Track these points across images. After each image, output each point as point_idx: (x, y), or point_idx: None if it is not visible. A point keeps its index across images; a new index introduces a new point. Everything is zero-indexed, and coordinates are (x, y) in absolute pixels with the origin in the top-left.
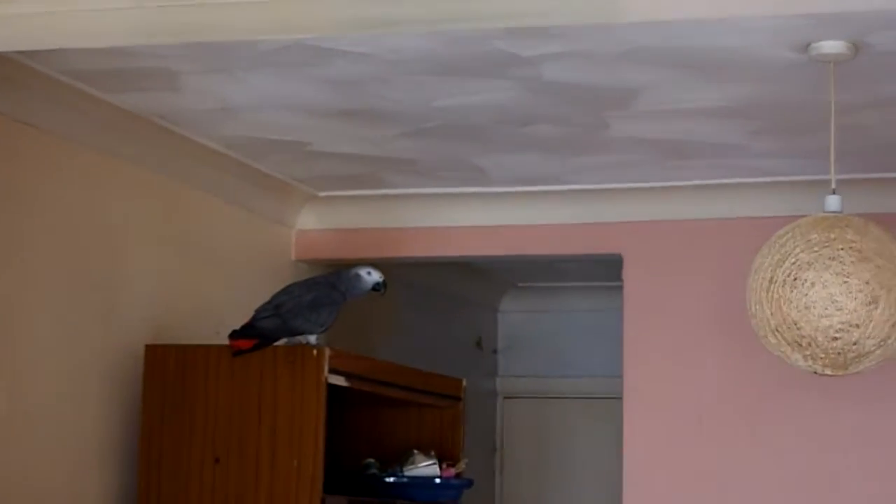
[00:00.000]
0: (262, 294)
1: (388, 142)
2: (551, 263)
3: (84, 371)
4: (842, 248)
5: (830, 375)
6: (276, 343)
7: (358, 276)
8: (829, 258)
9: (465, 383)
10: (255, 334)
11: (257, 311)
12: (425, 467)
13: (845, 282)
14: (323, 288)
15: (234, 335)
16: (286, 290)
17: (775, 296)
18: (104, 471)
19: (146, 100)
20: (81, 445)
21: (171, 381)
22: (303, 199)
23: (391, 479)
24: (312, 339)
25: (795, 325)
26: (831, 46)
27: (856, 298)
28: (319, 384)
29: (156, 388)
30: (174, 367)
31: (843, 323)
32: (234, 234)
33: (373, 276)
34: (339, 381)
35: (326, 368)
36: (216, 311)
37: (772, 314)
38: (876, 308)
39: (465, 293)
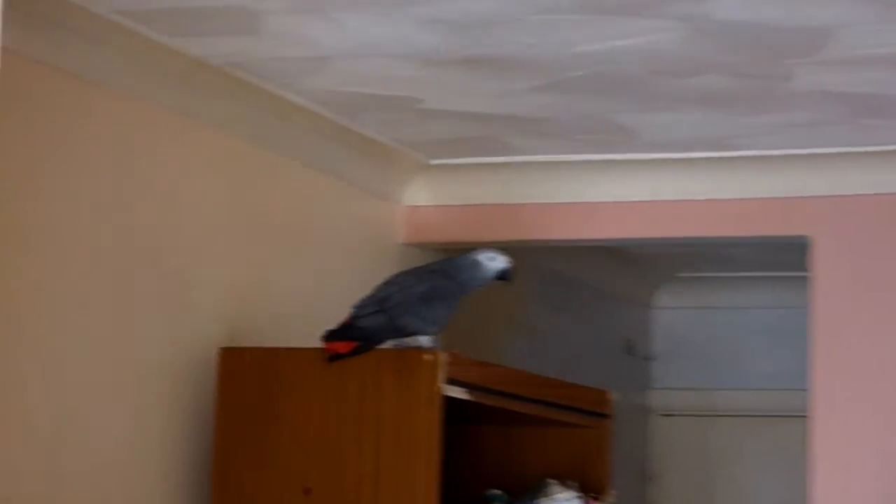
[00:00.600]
0: (361, 286)
1: (516, 97)
2: (718, 248)
3: (144, 380)
4: None
5: None
6: (381, 346)
7: (478, 263)
8: None
9: (612, 396)
10: (356, 335)
11: (357, 307)
12: (564, 501)
13: None
14: (437, 278)
15: (330, 336)
16: (392, 281)
17: None
18: (169, 502)
19: (219, 46)
20: (142, 470)
21: (250, 393)
22: (412, 169)
23: None
24: (425, 340)
25: None
26: None
27: None
28: (434, 397)
29: (232, 401)
30: (254, 375)
31: None
32: (327, 211)
33: (497, 263)
34: (458, 393)
35: (443, 377)
36: (306, 306)
37: None
38: None
39: (611, 286)
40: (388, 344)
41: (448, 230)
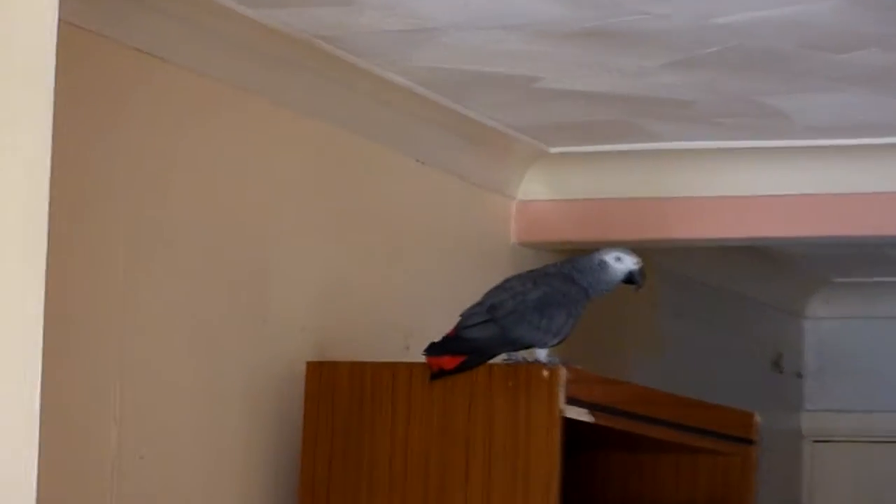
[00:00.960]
0: (468, 292)
1: (648, 75)
2: (883, 249)
3: (222, 397)
4: None
5: None
6: (492, 360)
7: (604, 265)
8: None
9: (758, 419)
10: (464, 348)
11: (465, 317)
12: None
13: None
14: (556, 281)
15: (434, 350)
16: (504, 286)
17: None
18: None
19: (307, 17)
20: (223, 499)
21: (341, 413)
22: (528, 158)
23: None
24: (542, 354)
25: None
26: None
27: None
28: (553, 419)
29: (321, 421)
30: (347, 393)
31: None
32: (428, 207)
33: (625, 263)
34: (581, 414)
35: (563, 396)
36: (405, 315)
37: None
38: None
39: (757, 292)
40: (499, 358)
41: (568, 228)
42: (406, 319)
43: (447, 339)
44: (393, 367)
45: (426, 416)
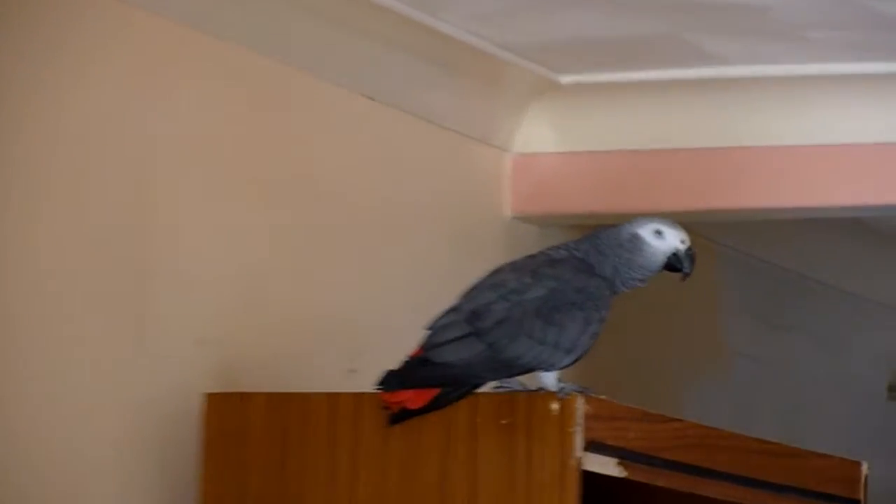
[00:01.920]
0: (443, 288)
1: None
2: None
3: (83, 450)
4: None
5: None
6: (476, 391)
7: (637, 241)
8: None
9: (866, 469)
10: (435, 378)
11: (435, 329)
12: None
13: None
14: (567, 272)
15: (392, 382)
16: (492, 282)
17: None
18: None
19: None
20: None
21: (255, 467)
22: (528, 91)
23: None
24: (550, 379)
25: None
26: None
27: None
28: (567, 472)
29: (225, 479)
30: (263, 438)
31: None
32: (384, 164)
33: (667, 241)
34: (607, 466)
35: (581, 440)
36: (350, 324)
37: None
38: None
39: (863, 285)
40: (487, 385)
41: (586, 194)
42: (352, 330)
43: (411, 365)
44: (332, 400)
45: (380, 469)
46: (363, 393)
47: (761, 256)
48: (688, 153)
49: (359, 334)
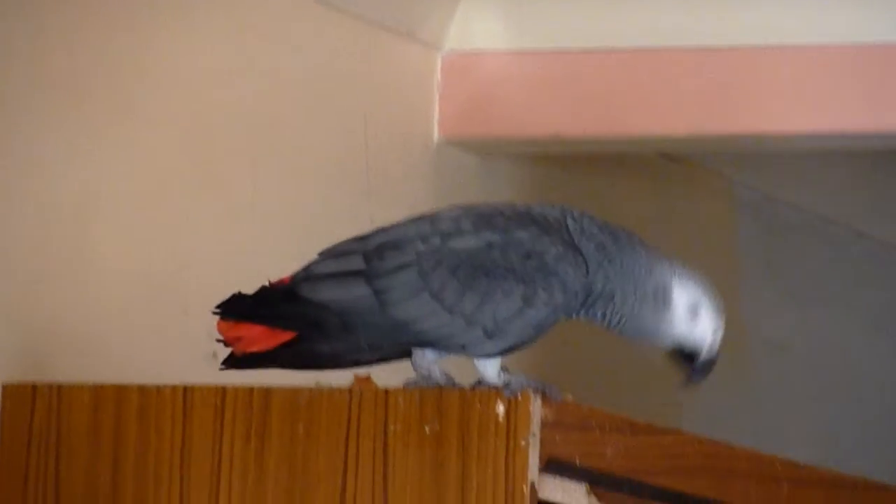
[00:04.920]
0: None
1: None
2: None
3: None
4: None
5: None
6: (369, 366)
7: (664, 299)
8: None
9: None
10: (296, 319)
11: (322, 256)
12: None
13: None
14: (527, 229)
15: (234, 308)
16: (427, 218)
17: None
18: None
19: None
20: None
21: (75, 478)
22: None
23: None
24: (490, 369)
25: None
26: None
27: None
28: (517, 503)
29: (24, 485)
30: (85, 442)
31: None
32: (269, 65)
33: (700, 326)
34: (573, 494)
35: (536, 457)
36: (210, 286)
37: None
38: None
39: None
40: (411, 380)
41: (541, 109)
42: (216, 299)
43: (268, 294)
44: (181, 395)
45: (250, 492)
46: (227, 386)
47: (791, 200)
48: (683, 54)
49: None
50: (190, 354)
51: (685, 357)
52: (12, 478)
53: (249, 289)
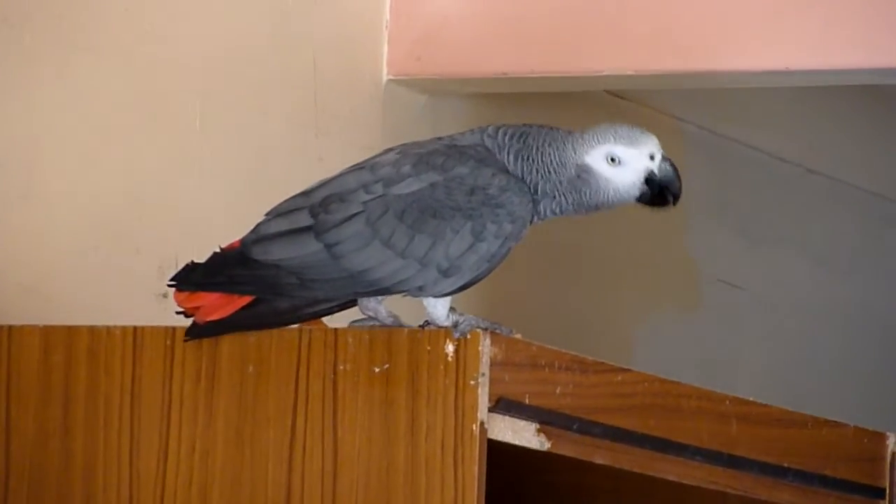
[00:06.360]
0: (290, 181)
1: None
2: None
3: None
4: None
5: None
6: (327, 316)
7: (587, 175)
8: None
9: (894, 444)
10: (251, 283)
11: (271, 214)
12: None
13: None
14: (464, 163)
15: (189, 278)
16: (365, 165)
17: None
18: None
19: None
20: None
21: (25, 425)
22: None
23: None
24: (439, 309)
25: None
26: None
27: None
28: (466, 442)
29: None
30: (36, 384)
31: None
32: (226, 12)
33: (630, 166)
34: (522, 434)
35: (485, 396)
36: (163, 230)
37: None
38: None
39: (885, 185)
40: (356, 322)
41: (493, 44)
42: (166, 237)
43: (220, 259)
44: (131, 336)
45: (201, 436)
46: (178, 327)
47: (740, 138)
48: None
49: (176, 246)
50: (142, 294)
51: (652, 197)
52: None
53: (199, 226)
